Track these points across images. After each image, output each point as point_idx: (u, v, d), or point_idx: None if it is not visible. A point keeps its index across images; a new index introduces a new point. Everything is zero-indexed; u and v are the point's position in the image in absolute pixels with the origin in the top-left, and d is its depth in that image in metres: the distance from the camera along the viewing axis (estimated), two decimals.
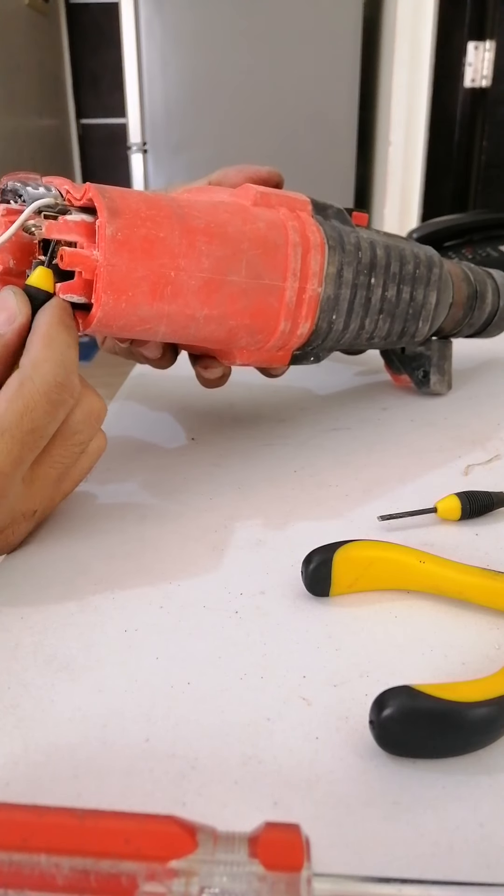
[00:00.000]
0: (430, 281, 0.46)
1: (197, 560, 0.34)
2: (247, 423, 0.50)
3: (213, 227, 0.35)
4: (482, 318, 0.53)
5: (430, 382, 0.53)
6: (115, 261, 0.32)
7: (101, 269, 0.31)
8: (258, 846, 0.18)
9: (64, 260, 0.31)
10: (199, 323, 0.36)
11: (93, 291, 0.32)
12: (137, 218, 0.32)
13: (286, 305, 0.38)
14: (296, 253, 0.38)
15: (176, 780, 0.23)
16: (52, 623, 0.30)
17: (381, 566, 0.31)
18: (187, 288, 0.34)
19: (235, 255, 0.36)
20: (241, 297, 0.36)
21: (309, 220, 0.40)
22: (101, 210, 0.31)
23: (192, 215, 0.34)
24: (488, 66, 2.04)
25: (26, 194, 0.33)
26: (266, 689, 0.26)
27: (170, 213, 0.34)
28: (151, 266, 0.33)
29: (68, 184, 0.33)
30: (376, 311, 0.44)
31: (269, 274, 0.37)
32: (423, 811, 0.22)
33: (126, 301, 0.32)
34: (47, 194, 0.33)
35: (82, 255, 0.32)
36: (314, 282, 0.39)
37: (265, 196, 0.39)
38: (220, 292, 0.35)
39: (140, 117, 2.43)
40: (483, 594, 0.30)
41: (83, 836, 0.17)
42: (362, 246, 0.42)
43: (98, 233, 0.32)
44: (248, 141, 2.43)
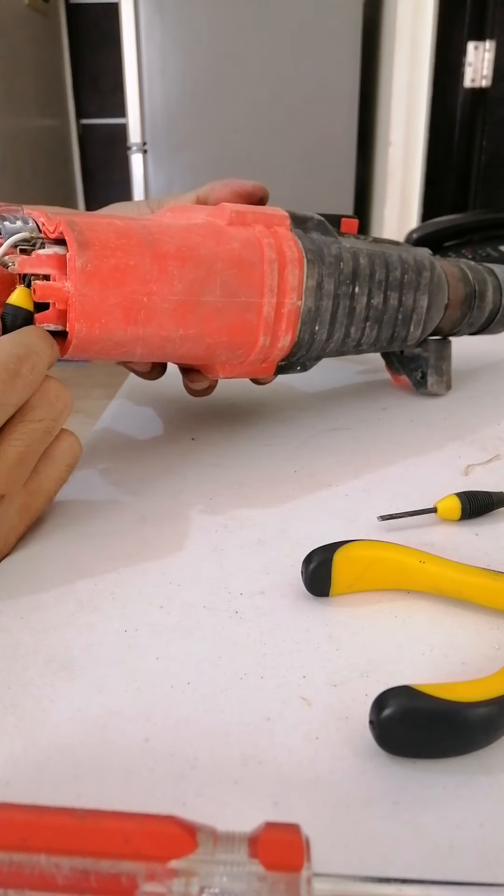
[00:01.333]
0: (420, 285, 0.47)
1: (197, 560, 0.34)
2: (247, 423, 0.50)
3: (184, 250, 0.36)
4: (483, 317, 0.53)
5: (428, 383, 0.53)
6: (85, 291, 0.33)
7: (72, 299, 0.33)
8: (258, 846, 0.18)
9: (37, 293, 0.33)
10: (176, 343, 0.37)
11: (66, 321, 0.34)
12: (107, 248, 0.34)
13: (265, 321, 0.39)
14: (272, 269, 0.39)
15: (176, 780, 0.23)
16: (51, 623, 0.30)
17: (381, 566, 0.31)
18: (160, 311, 0.35)
19: (209, 276, 0.37)
20: (216, 316, 0.37)
21: (287, 234, 0.40)
22: (71, 243, 0.33)
23: (162, 241, 0.36)
24: (488, 66, 2.04)
25: (3, 229, 0.34)
26: (266, 689, 0.26)
27: (140, 241, 0.35)
28: (123, 293, 0.34)
29: (44, 216, 0.34)
30: (362, 319, 0.44)
31: (245, 291, 0.38)
32: (423, 811, 0.22)
33: (100, 328, 0.34)
34: (23, 228, 0.34)
35: (54, 287, 0.33)
36: (293, 296, 0.40)
37: (240, 214, 0.40)
38: (195, 313, 0.37)
39: (140, 117, 2.43)
40: (483, 594, 0.30)
41: (83, 836, 0.17)
42: (344, 256, 0.43)
43: (68, 265, 0.33)
44: (248, 141, 2.43)
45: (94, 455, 0.46)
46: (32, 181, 2.81)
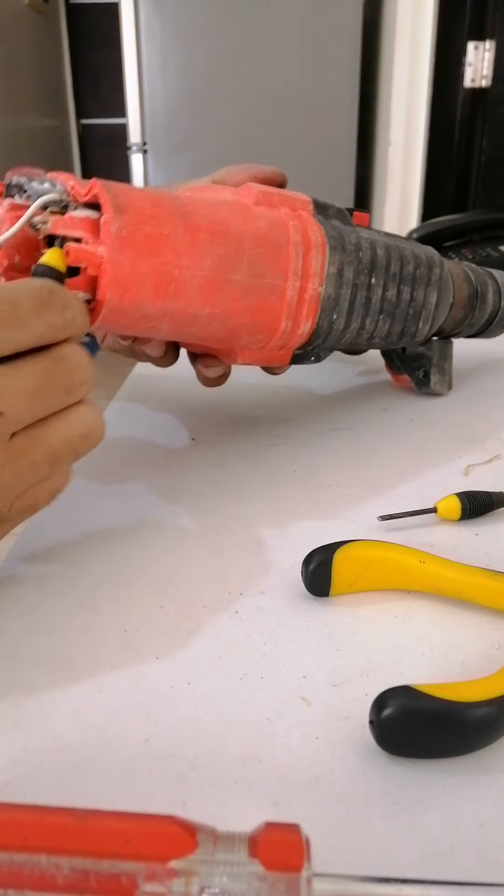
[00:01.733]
0: (431, 281, 0.46)
1: (197, 560, 0.34)
2: (247, 423, 0.50)
3: (215, 225, 0.35)
4: (483, 319, 0.53)
5: (431, 382, 0.53)
6: (119, 257, 0.32)
7: (105, 265, 0.32)
8: (258, 846, 0.18)
9: (70, 255, 0.31)
10: (202, 321, 0.36)
11: (97, 288, 0.32)
12: (142, 215, 0.32)
13: (287, 304, 0.38)
14: (297, 252, 0.38)
15: (176, 780, 0.23)
16: (52, 623, 0.30)
17: (381, 566, 0.31)
18: (190, 286, 0.34)
19: (237, 254, 0.36)
20: (242, 296, 0.36)
21: (310, 219, 0.40)
22: (107, 206, 0.32)
23: (195, 213, 0.35)
24: (488, 66, 2.04)
25: (31, 190, 0.33)
26: (266, 689, 0.26)
27: (173, 211, 0.34)
28: (155, 264, 0.33)
29: (73, 179, 0.33)
30: (377, 311, 0.44)
31: (271, 273, 0.37)
32: (423, 811, 0.22)
33: (130, 298, 0.33)
34: (52, 190, 0.33)
35: (87, 251, 0.32)
36: (315, 281, 0.39)
37: (267, 195, 0.39)
38: (222, 291, 0.36)
39: (140, 117, 2.43)
40: (483, 594, 0.30)
41: (83, 836, 0.17)
42: (363, 246, 0.42)
43: (103, 229, 0.32)
44: (248, 141, 2.43)
45: (94, 455, 0.46)
46: None
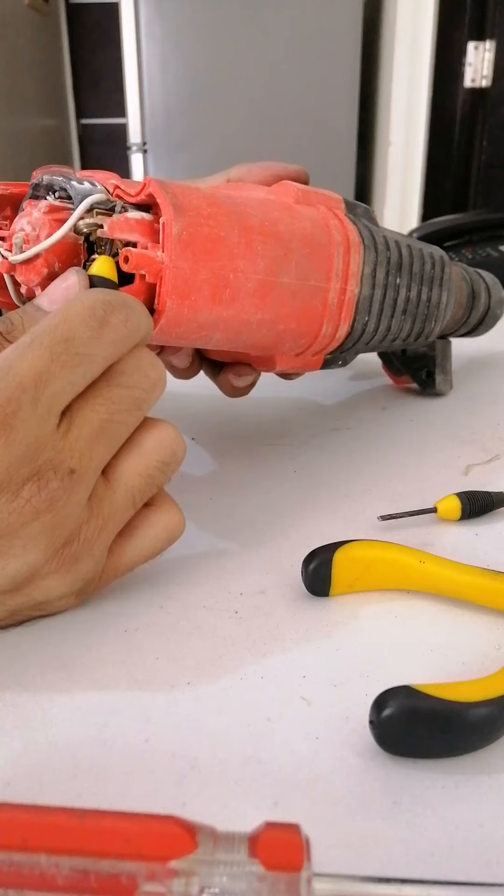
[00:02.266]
0: (443, 280, 0.46)
1: (197, 560, 0.34)
2: (247, 423, 0.50)
3: (266, 225, 0.33)
4: (477, 318, 0.54)
5: (436, 382, 0.53)
6: (180, 263, 0.29)
7: (166, 271, 0.29)
8: (258, 846, 0.18)
9: (130, 262, 0.29)
10: (252, 328, 0.34)
11: (155, 297, 0.30)
12: (200, 216, 0.30)
13: (329, 307, 0.37)
14: (338, 252, 0.37)
15: (176, 780, 0.23)
16: (52, 623, 0.30)
17: (381, 566, 0.31)
18: (244, 291, 0.32)
19: (287, 256, 0.34)
20: (290, 300, 0.35)
21: (345, 218, 0.39)
22: (167, 207, 0.29)
23: (247, 213, 0.32)
24: (488, 66, 2.04)
25: (71, 190, 0.30)
26: (266, 689, 0.26)
27: (228, 210, 0.32)
28: (213, 268, 0.31)
29: (115, 178, 0.31)
30: (401, 311, 0.43)
31: (315, 275, 0.36)
32: (423, 811, 0.22)
33: (188, 306, 0.30)
34: (95, 190, 0.30)
35: (148, 256, 0.29)
36: (353, 282, 0.38)
37: (306, 194, 0.37)
38: (273, 295, 0.34)
39: (140, 117, 2.43)
40: (483, 594, 0.30)
41: (83, 836, 0.17)
42: (390, 245, 0.41)
43: (163, 232, 0.29)
44: (248, 141, 2.43)
45: None
46: None
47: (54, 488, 0.25)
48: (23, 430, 0.24)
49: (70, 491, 0.26)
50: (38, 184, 0.32)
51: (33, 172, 0.32)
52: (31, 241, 0.30)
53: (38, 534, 0.25)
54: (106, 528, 0.28)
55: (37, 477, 0.25)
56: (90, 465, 0.26)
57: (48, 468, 0.25)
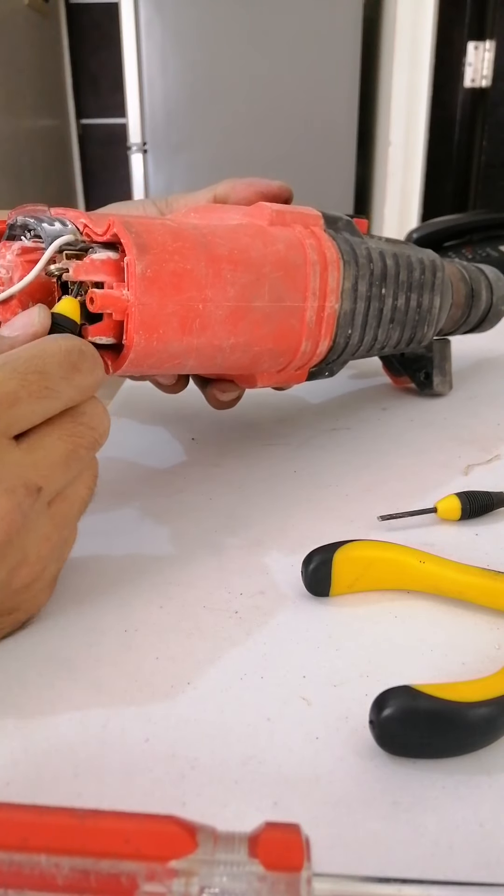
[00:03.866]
0: (434, 286, 0.46)
1: (197, 560, 0.34)
2: (247, 423, 0.50)
3: (236, 253, 0.34)
4: (478, 316, 0.53)
5: (433, 383, 0.53)
6: (146, 299, 0.30)
7: (132, 309, 0.30)
8: (258, 846, 0.18)
9: (95, 303, 0.30)
10: (226, 353, 0.35)
11: (123, 332, 0.31)
12: (165, 252, 0.31)
13: (307, 325, 0.38)
14: (315, 271, 0.37)
15: (176, 780, 0.23)
16: (51, 623, 0.30)
17: (381, 566, 0.31)
18: (215, 319, 0.33)
19: (259, 281, 0.35)
20: (265, 323, 0.36)
21: (323, 235, 0.39)
22: (129, 247, 0.30)
23: (215, 243, 0.33)
24: (488, 66, 2.04)
25: (42, 231, 0.31)
26: (266, 689, 0.26)
27: (195, 243, 0.32)
28: (180, 300, 0.32)
29: (84, 217, 0.31)
30: (388, 321, 0.43)
31: (291, 295, 0.36)
32: (423, 811, 0.22)
33: (157, 339, 0.31)
34: (65, 230, 0.31)
35: (113, 296, 0.30)
36: (332, 299, 0.39)
37: (280, 214, 0.38)
38: (246, 319, 0.35)
39: (140, 117, 2.43)
40: (483, 594, 0.30)
41: (83, 836, 0.17)
42: (373, 257, 0.42)
43: (127, 271, 0.30)
44: (248, 141, 2.43)
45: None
46: (32, 181, 2.81)
47: (25, 506, 0.26)
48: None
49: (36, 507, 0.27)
50: (14, 224, 0.33)
51: (9, 213, 0.33)
52: (6, 284, 0.32)
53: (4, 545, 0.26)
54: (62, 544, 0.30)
55: (8, 490, 0.26)
56: (54, 486, 0.28)
57: (19, 486, 0.26)
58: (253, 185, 0.44)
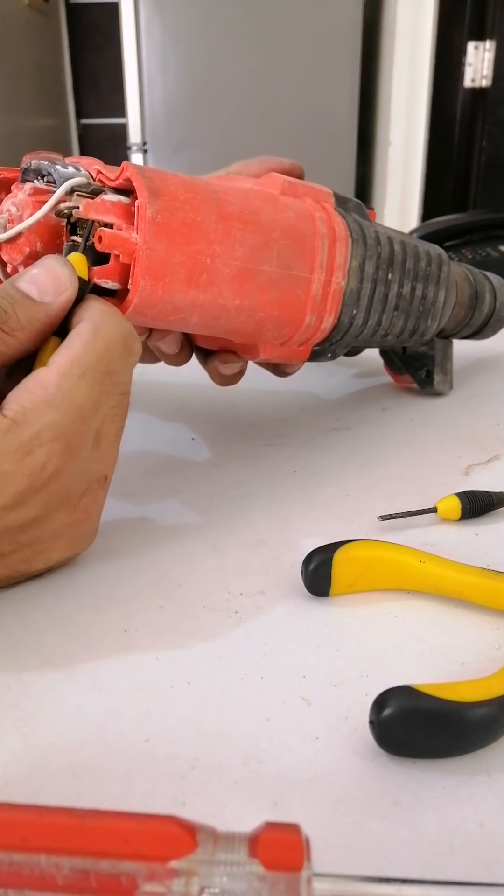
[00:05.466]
0: (440, 279, 0.46)
1: (197, 560, 0.34)
2: (247, 423, 0.50)
3: (247, 213, 0.34)
4: (480, 320, 0.53)
5: (434, 382, 0.53)
6: (154, 244, 0.30)
7: (140, 252, 0.30)
8: (258, 846, 0.18)
9: (102, 241, 0.30)
10: (230, 314, 0.35)
11: (129, 276, 0.31)
12: (176, 200, 0.31)
13: (313, 298, 0.38)
14: (323, 244, 0.37)
15: (176, 780, 0.23)
16: (51, 623, 0.30)
17: (381, 566, 0.31)
18: (221, 276, 0.33)
19: (267, 244, 0.35)
20: (271, 288, 0.35)
21: (333, 211, 0.39)
22: (141, 190, 0.30)
23: (227, 200, 0.33)
24: (488, 66, 2.04)
25: (55, 174, 0.31)
26: (266, 689, 0.26)
27: (207, 197, 0.33)
28: (189, 251, 0.32)
29: (99, 164, 0.32)
30: (392, 307, 0.43)
31: (298, 265, 0.36)
32: (423, 811, 0.22)
33: (163, 288, 0.31)
34: (78, 174, 0.31)
35: (121, 237, 0.30)
36: (339, 274, 0.38)
37: (292, 185, 0.38)
38: (252, 282, 0.35)
39: (140, 117, 2.43)
40: (483, 594, 0.30)
41: (83, 836, 0.17)
42: (381, 240, 0.42)
43: (137, 214, 0.30)
44: (248, 141, 2.43)
45: None
46: None
47: (99, 497, 0.32)
48: (82, 452, 0.29)
49: (104, 493, 0.32)
50: (28, 168, 0.33)
51: (23, 157, 0.34)
52: (15, 221, 0.32)
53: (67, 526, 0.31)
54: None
55: (87, 489, 0.30)
56: (114, 466, 0.32)
57: (93, 480, 0.30)
58: (264, 162, 0.44)
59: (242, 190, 0.35)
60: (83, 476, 0.30)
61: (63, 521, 0.30)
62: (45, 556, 0.31)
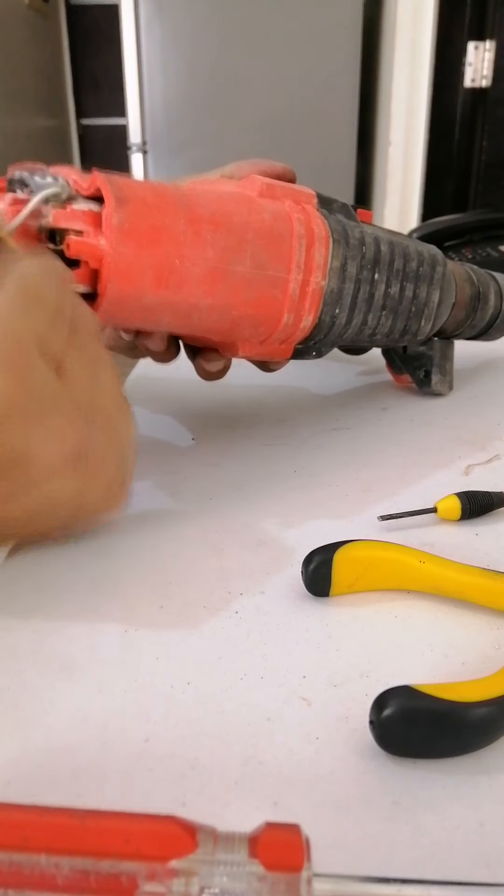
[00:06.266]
0: (433, 279, 0.46)
1: (197, 560, 0.34)
2: (247, 423, 0.50)
3: (217, 216, 0.35)
4: (484, 320, 0.53)
5: (432, 382, 0.53)
6: (121, 249, 0.32)
7: (107, 257, 0.32)
8: (258, 846, 0.18)
9: (70, 248, 0.32)
10: (203, 313, 0.36)
11: (98, 280, 0.32)
12: (144, 206, 0.33)
13: (290, 297, 0.38)
14: (300, 245, 0.38)
15: (176, 780, 0.23)
16: (52, 623, 0.30)
17: (381, 566, 0.31)
18: (191, 276, 0.34)
19: (240, 245, 0.36)
20: (245, 288, 0.36)
21: (314, 212, 0.40)
22: (108, 198, 0.32)
23: (197, 204, 0.35)
24: (488, 66, 2.04)
25: (33, 184, 0.33)
26: (266, 689, 0.26)
27: (175, 202, 0.34)
28: (156, 254, 0.33)
29: (76, 173, 0.33)
30: (379, 307, 0.44)
31: (274, 265, 0.37)
32: (423, 811, 0.22)
33: (131, 289, 0.33)
34: (54, 184, 0.33)
35: (88, 243, 0.32)
36: (318, 274, 0.39)
37: (271, 187, 0.39)
38: (224, 282, 0.36)
39: (140, 117, 2.43)
40: (483, 594, 0.30)
41: (83, 836, 0.17)
42: (366, 241, 0.42)
43: (104, 222, 0.32)
44: (248, 141, 2.43)
45: None
46: None
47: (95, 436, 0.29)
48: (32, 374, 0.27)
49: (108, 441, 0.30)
50: (12, 179, 0.34)
51: (8, 167, 0.35)
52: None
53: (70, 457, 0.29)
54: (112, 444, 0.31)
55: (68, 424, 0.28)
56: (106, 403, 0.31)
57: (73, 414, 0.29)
58: (256, 164, 0.45)
59: (216, 194, 0.37)
60: (56, 405, 0.28)
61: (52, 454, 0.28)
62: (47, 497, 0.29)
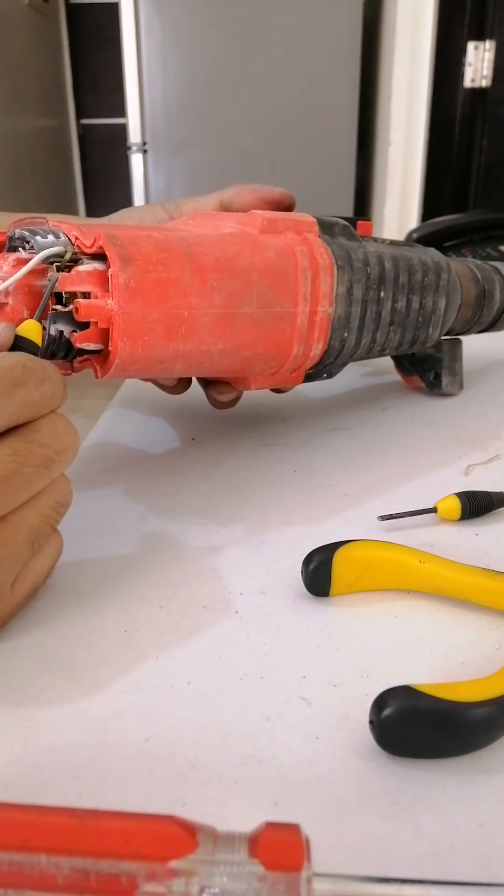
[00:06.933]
0: (439, 287, 0.46)
1: (197, 560, 0.34)
2: (247, 423, 0.50)
3: (222, 261, 0.35)
4: (491, 315, 0.53)
5: (442, 384, 0.53)
6: (129, 308, 0.32)
7: (116, 317, 0.32)
8: (258, 846, 0.18)
9: (80, 312, 0.31)
10: (214, 357, 0.36)
11: (109, 339, 0.32)
12: (149, 263, 0.32)
13: (298, 330, 0.38)
14: (305, 277, 0.38)
15: (176, 780, 0.23)
16: (52, 623, 0.30)
17: (381, 566, 0.31)
18: (201, 325, 0.34)
19: (246, 287, 0.36)
20: (253, 328, 0.36)
21: (317, 241, 0.40)
22: (113, 259, 0.31)
23: (201, 252, 0.34)
24: (488, 66, 2.04)
25: (35, 243, 0.32)
26: (266, 689, 0.26)
27: (180, 254, 0.34)
28: (165, 308, 0.33)
29: (77, 229, 0.33)
30: (387, 323, 0.44)
31: (281, 301, 0.37)
32: (423, 811, 0.22)
33: (142, 345, 0.33)
34: (56, 243, 0.32)
35: (97, 305, 0.32)
36: (325, 303, 0.39)
37: (272, 222, 0.39)
38: (234, 325, 0.36)
39: (140, 117, 2.43)
40: (483, 594, 0.30)
41: (83, 836, 0.17)
42: (370, 261, 0.42)
43: (111, 282, 0.32)
44: (248, 141, 2.43)
45: (95, 455, 0.46)
46: (32, 181, 2.81)
47: None
48: None
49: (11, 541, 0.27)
50: (13, 236, 0.34)
51: (9, 225, 0.34)
52: None
53: None
54: (5, 566, 0.28)
55: None
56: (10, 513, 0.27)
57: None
58: (256, 191, 0.45)
59: (218, 238, 0.36)
60: None
61: None
62: None
